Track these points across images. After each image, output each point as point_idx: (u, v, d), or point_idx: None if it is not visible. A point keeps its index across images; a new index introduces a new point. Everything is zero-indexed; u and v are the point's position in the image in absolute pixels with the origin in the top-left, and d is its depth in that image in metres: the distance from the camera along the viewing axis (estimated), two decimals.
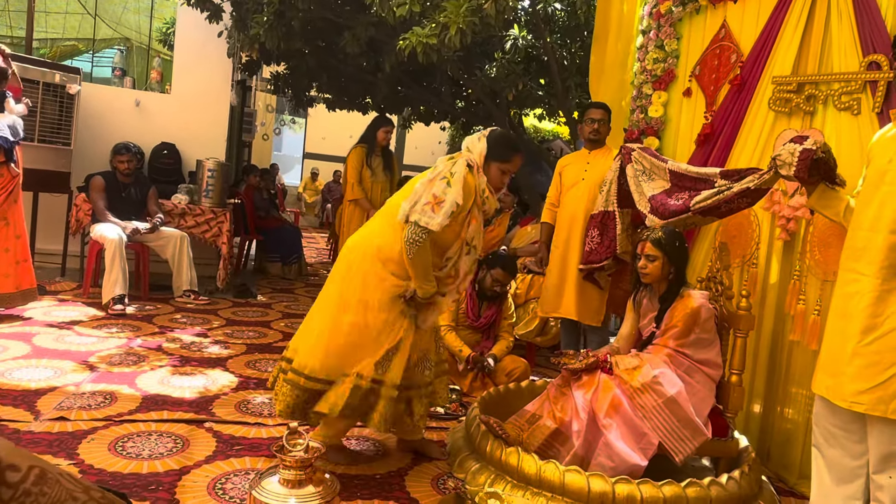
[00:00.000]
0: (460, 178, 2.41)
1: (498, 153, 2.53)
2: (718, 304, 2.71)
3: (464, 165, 2.44)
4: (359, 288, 2.49)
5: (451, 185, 2.40)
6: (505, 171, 2.56)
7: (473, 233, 2.55)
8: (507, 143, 2.57)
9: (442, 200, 2.37)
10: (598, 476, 2.28)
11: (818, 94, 2.83)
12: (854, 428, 2.13)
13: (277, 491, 1.96)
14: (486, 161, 2.53)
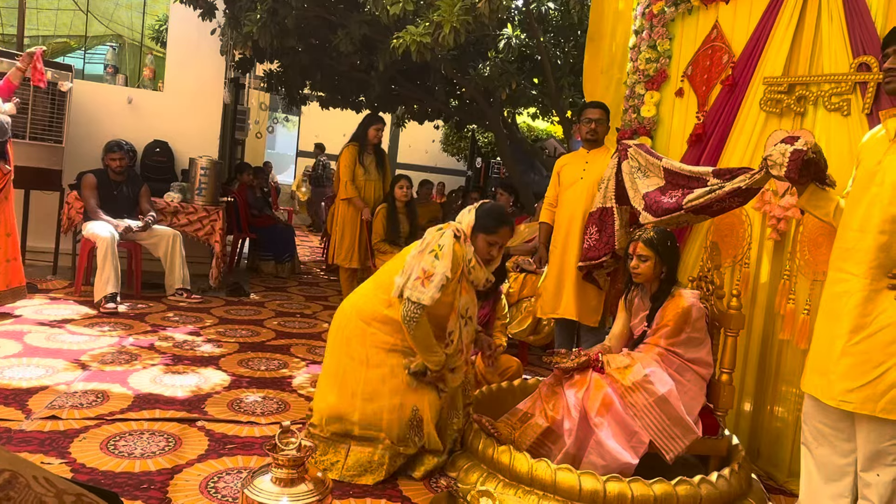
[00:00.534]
0: (449, 251, 2.45)
1: (484, 225, 2.55)
2: (709, 303, 2.73)
3: (451, 236, 2.48)
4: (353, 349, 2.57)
5: (440, 258, 2.43)
6: (492, 242, 2.56)
7: (466, 303, 2.57)
8: (493, 216, 2.58)
9: (432, 274, 2.41)
10: (590, 474, 2.29)
11: (809, 95, 2.85)
12: (842, 426, 2.15)
13: (270, 490, 1.96)
14: (473, 232, 2.56)
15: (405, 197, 5.19)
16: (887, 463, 2.02)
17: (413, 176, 5.68)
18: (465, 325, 2.58)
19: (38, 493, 0.65)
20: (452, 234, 2.48)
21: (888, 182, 2.02)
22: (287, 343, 4.21)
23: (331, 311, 5.30)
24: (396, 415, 2.47)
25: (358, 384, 2.52)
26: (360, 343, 2.55)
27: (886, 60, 2.08)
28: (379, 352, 2.52)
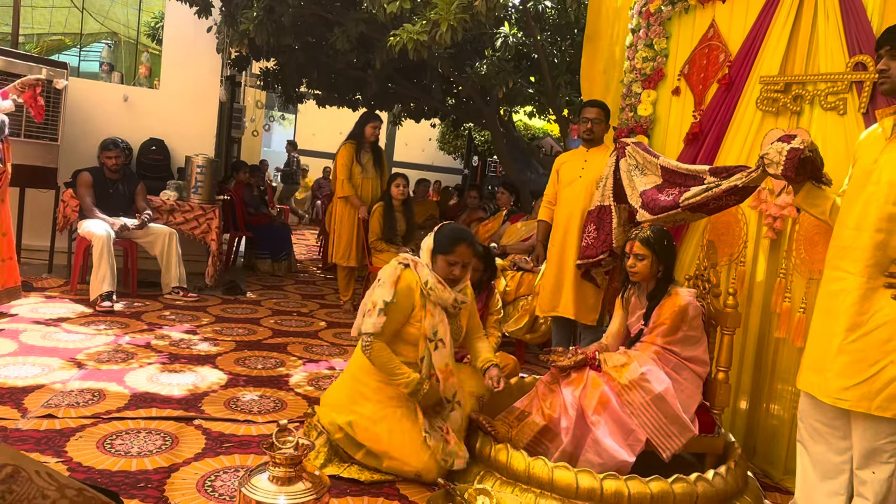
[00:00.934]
0: (387, 279, 2.51)
1: (440, 245, 2.59)
2: (706, 301, 2.73)
3: (394, 265, 2.57)
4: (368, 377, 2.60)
5: (379, 287, 2.52)
6: (451, 262, 2.57)
7: (433, 326, 2.56)
8: (449, 236, 2.61)
9: (375, 304, 2.48)
10: (587, 472, 2.30)
11: (805, 94, 2.86)
12: (838, 424, 2.16)
13: (267, 488, 1.96)
14: (432, 254, 2.61)
15: (402, 195, 5.18)
16: (883, 460, 2.03)
17: (410, 174, 5.68)
18: (434, 349, 2.55)
19: (40, 486, 0.66)
20: (397, 263, 2.57)
21: (884, 180, 2.03)
22: (284, 342, 4.20)
23: (327, 309, 5.30)
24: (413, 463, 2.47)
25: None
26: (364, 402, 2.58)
27: (880, 61, 2.09)
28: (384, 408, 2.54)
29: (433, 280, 2.56)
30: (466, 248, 2.59)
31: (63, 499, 0.65)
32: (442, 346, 2.57)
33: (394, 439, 2.45)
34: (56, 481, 0.67)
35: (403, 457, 2.44)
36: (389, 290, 2.48)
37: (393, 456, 2.45)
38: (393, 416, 2.49)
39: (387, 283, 2.50)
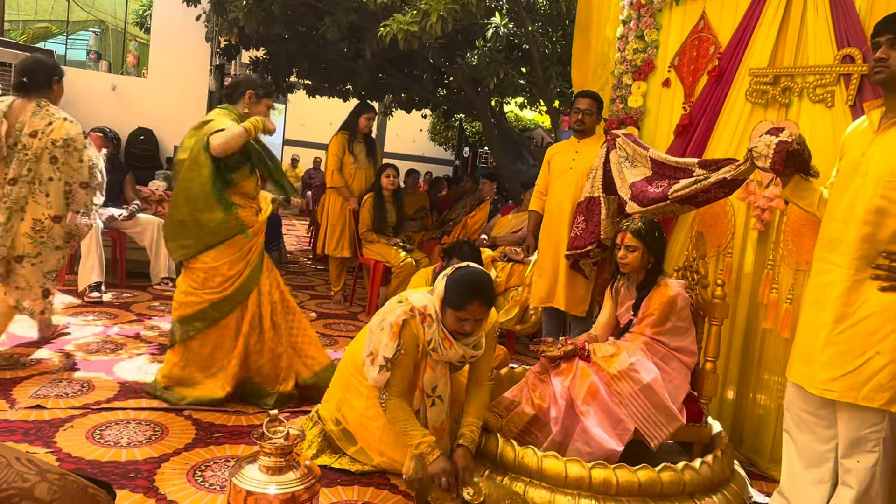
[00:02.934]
0: (390, 333, 2.28)
1: (451, 299, 2.24)
2: (694, 292, 2.75)
3: (400, 318, 2.29)
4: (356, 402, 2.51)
5: (384, 340, 2.28)
6: (461, 318, 2.23)
7: (432, 382, 2.36)
8: (461, 290, 2.24)
9: (376, 356, 2.30)
10: (575, 461, 2.32)
11: (794, 87, 2.88)
12: (824, 413, 2.19)
13: (258, 478, 1.96)
14: (442, 304, 2.28)
15: (392, 186, 5.17)
16: (867, 449, 2.06)
17: (400, 165, 5.67)
18: (431, 405, 2.38)
19: (19, 471, 0.66)
20: (403, 316, 2.29)
21: (872, 173, 2.04)
22: None
23: (318, 300, 5.29)
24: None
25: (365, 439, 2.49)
26: (357, 396, 2.51)
27: (877, 50, 2.08)
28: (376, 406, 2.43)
29: (438, 339, 2.29)
30: (480, 307, 2.23)
31: (43, 482, 0.66)
32: (440, 402, 2.39)
33: (386, 437, 2.42)
34: (36, 466, 0.67)
35: (395, 455, 2.41)
36: (391, 343, 2.26)
37: (384, 453, 2.43)
38: (384, 414, 2.44)
39: (390, 337, 2.27)
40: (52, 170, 3.06)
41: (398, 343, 2.27)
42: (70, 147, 3.08)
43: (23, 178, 3.01)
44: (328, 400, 2.61)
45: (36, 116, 3.05)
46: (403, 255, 4.90)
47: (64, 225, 3.14)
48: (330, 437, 2.52)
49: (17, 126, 3.01)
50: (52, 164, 3.05)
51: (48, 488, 0.65)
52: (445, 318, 2.28)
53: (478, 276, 2.29)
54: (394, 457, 2.42)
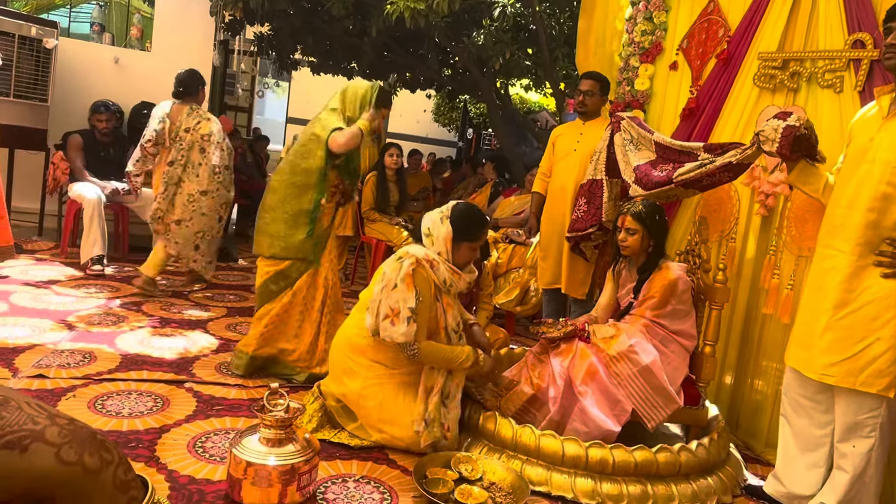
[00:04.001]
0: (404, 285, 2.35)
1: (468, 233, 2.48)
2: (695, 276, 2.76)
3: (408, 269, 2.37)
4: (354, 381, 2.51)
5: (402, 294, 2.35)
6: (475, 248, 2.53)
7: (455, 319, 2.54)
8: (473, 221, 2.50)
9: (398, 311, 2.35)
10: (573, 440, 2.34)
11: (802, 72, 2.85)
12: (821, 398, 2.20)
13: (258, 449, 1.99)
14: (455, 242, 2.47)
15: (395, 165, 5.16)
16: (864, 434, 2.08)
17: (403, 146, 5.64)
18: (459, 339, 2.54)
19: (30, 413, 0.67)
20: (412, 266, 2.38)
21: (879, 159, 2.04)
22: None
23: None
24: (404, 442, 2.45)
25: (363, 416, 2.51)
26: (353, 377, 2.51)
27: (889, 35, 2.06)
28: (373, 385, 2.48)
29: (449, 275, 2.46)
30: (487, 230, 2.56)
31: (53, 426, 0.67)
32: (459, 337, 2.55)
33: (384, 415, 2.44)
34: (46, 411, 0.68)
35: (393, 431, 2.43)
36: (409, 293, 2.35)
37: (383, 430, 2.44)
38: (382, 392, 2.45)
39: (408, 289, 2.35)
40: (201, 157, 3.99)
41: (416, 292, 2.36)
42: (211, 139, 4.00)
43: (177, 162, 3.97)
44: (330, 376, 2.62)
45: (189, 117, 4.02)
46: (405, 235, 4.90)
47: (214, 196, 4.06)
48: (331, 412, 2.54)
49: (177, 124, 3.99)
50: (201, 153, 4.00)
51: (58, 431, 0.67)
52: (459, 252, 2.50)
53: (475, 207, 2.61)
54: (392, 433, 2.44)
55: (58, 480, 0.65)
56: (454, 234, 2.48)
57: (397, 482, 2.26)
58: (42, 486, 0.65)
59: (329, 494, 2.12)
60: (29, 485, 0.64)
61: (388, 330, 2.36)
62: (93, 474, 0.67)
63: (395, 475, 2.31)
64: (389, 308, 2.36)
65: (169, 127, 4.01)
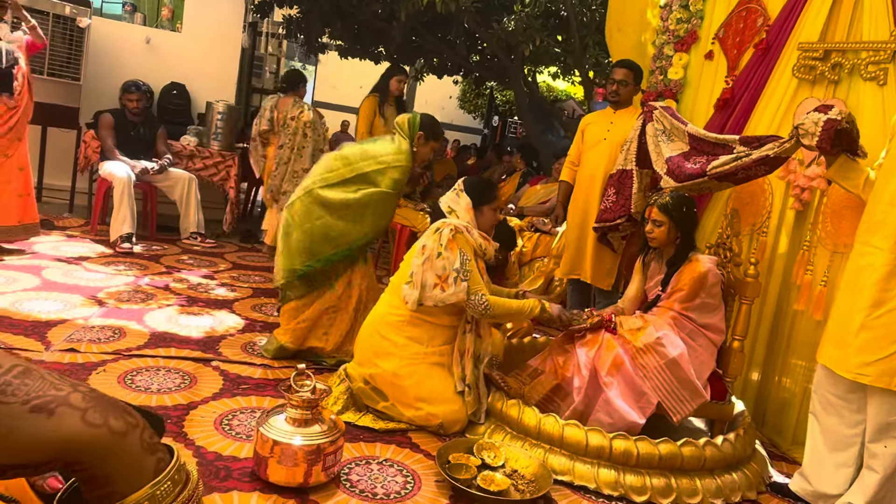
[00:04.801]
0: (450, 250, 2.50)
1: (486, 197, 2.68)
2: (726, 270, 2.72)
3: (448, 235, 2.52)
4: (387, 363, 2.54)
5: (447, 258, 2.49)
6: (495, 207, 2.72)
7: (488, 285, 2.68)
8: (484, 185, 2.75)
9: (446, 276, 2.48)
10: (597, 431, 2.33)
11: (844, 63, 2.78)
12: (853, 398, 2.16)
13: (284, 428, 2.01)
14: (477, 209, 2.66)
15: None
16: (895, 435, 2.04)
17: None
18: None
19: (52, 382, 0.69)
20: (451, 232, 2.53)
21: None
22: None
23: None
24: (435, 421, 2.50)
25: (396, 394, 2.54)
26: (387, 358, 2.54)
27: None
28: (408, 364, 2.52)
29: (482, 240, 2.63)
30: (499, 191, 2.74)
31: (76, 392, 0.69)
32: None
33: (421, 393, 2.47)
34: (67, 380, 0.71)
35: (430, 409, 2.46)
36: (454, 255, 2.48)
37: (420, 407, 2.48)
38: (418, 371, 2.49)
39: (453, 251, 2.48)
40: (305, 141, 4.67)
41: (460, 252, 2.50)
42: (311, 126, 4.70)
43: (286, 145, 4.66)
44: (358, 360, 2.64)
45: (294, 107, 4.68)
46: (430, 221, 4.89)
47: None
48: (357, 394, 2.55)
49: (283, 114, 4.66)
50: (304, 137, 4.67)
51: (82, 397, 0.69)
52: (484, 217, 2.67)
53: (481, 176, 2.76)
54: (429, 410, 2.47)
55: (86, 443, 0.66)
56: (473, 201, 2.66)
57: (420, 466, 2.27)
58: (71, 449, 0.66)
59: (353, 476, 2.14)
60: (58, 448, 0.65)
61: (440, 296, 2.47)
62: (119, 436, 0.68)
63: (417, 459, 2.33)
64: (436, 276, 2.48)
65: (277, 116, 4.68)
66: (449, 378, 2.52)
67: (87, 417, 0.67)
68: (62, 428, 0.65)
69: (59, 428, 0.65)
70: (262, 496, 1.95)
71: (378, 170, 2.97)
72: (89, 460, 0.67)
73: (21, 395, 0.65)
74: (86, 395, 0.69)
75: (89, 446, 0.67)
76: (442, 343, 2.56)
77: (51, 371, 0.72)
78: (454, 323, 2.59)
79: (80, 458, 0.67)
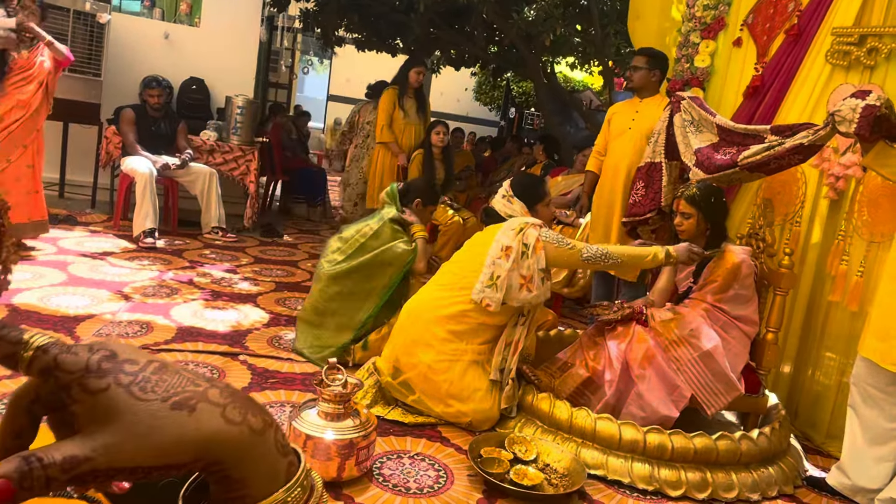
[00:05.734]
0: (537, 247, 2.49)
1: (538, 196, 2.73)
2: (759, 261, 2.67)
3: (535, 235, 2.51)
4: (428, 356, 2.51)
5: (531, 259, 2.47)
6: (548, 203, 2.77)
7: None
8: (537, 184, 2.83)
9: (531, 276, 2.47)
10: (630, 425, 2.30)
11: (881, 48, 2.71)
12: (893, 390, 2.12)
13: (316, 422, 2.00)
14: (532, 209, 2.70)
15: (441, 143, 5.11)
16: None
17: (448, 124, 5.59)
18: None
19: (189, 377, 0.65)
20: (536, 232, 2.52)
21: None
22: None
23: None
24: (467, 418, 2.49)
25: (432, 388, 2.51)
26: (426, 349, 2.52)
27: None
28: (445, 360, 2.50)
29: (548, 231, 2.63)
30: (546, 182, 2.92)
31: (214, 388, 0.64)
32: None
33: (453, 390, 2.45)
34: (202, 375, 0.66)
35: (460, 406, 2.45)
36: (539, 255, 2.48)
37: (451, 405, 2.46)
38: (453, 368, 2.46)
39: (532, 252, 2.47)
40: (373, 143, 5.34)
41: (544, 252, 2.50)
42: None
43: (360, 146, 5.61)
44: (387, 353, 2.63)
45: (371, 113, 5.49)
46: (451, 213, 4.87)
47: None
48: (386, 388, 2.54)
49: (362, 118, 5.65)
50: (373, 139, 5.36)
51: (220, 392, 0.64)
52: (540, 216, 2.69)
53: (523, 173, 2.92)
54: (459, 408, 2.44)
55: (226, 441, 0.62)
56: (527, 204, 2.70)
57: (452, 460, 2.26)
58: (211, 448, 0.61)
59: (385, 470, 2.13)
60: (200, 448, 0.61)
61: (527, 297, 2.47)
62: (258, 434, 0.64)
63: (449, 453, 2.31)
64: (521, 277, 2.47)
65: (357, 120, 5.69)
66: (483, 377, 2.48)
67: (227, 414, 0.62)
68: (203, 425, 0.61)
69: (200, 425, 0.61)
70: None
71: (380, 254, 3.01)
72: (228, 460, 0.62)
73: (161, 391, 0.61)
74: (223, 391, 0.65)
75: (230, 445, 0.62)
76: (482, 342, 2.53)
77: (188, 368, 0.68)
78: (504, 322, 2.55)
79: (220, 457, 0.62)
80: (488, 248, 2.52)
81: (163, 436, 0.59)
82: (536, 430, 2.43)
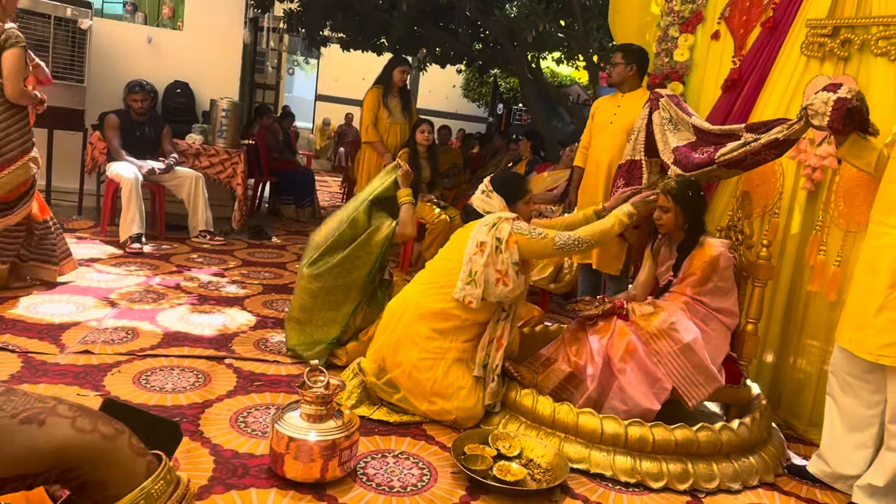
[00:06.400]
0: (506, 245, 2.49)
1: (520, 194, 2.71)
2: (738, 253, 2.69)
3: (508, 229, 2.51)
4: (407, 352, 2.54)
5: (505, 253, 2.48)
6: (528, 202, 2.75)
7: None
8: (519, 181, 2.83)
9: (505, 270, 2.47)
10: (612, 418, 2.32)
11: (854, 39, 2.73)
12: (871, 378, 2.15)
13: (299, 424, 2.01)
14: (512, 206, 2.67)
15: (426, 141, 5.11)
16: None
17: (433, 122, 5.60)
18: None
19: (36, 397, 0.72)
20: (509, 226, 2.52)
21: None
22: None
23: None
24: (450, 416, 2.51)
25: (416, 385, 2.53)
26: (411, 347, 2.54)
27: None
28: (429, 358, 2.51)
29: (528, 226, 2.63)
30: (527, 181, 2.91)
31: (62, 404, 0.72)
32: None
33: (437, 388, 2.47)
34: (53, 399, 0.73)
35: (444, 404, 2.47)
36: (512, 249, 2.48)
37: (435, 402, 2.48)
38: (437, 366, 2.48)
39: (505, 249, 2.48)
40: None
41: (517, 246, 2.50)
42: None
43: None
44: (371, 353, 2.64)
45: None
46: (438, 212, 4.88)
47: None
48: (371, 389, 2.56)
49: None
50: None
51: (68, 407, 0.72)
52: (519, 213, 2.67)
53: (505, 171, 2.87)
54: (443, 406, 2.47)
55: (79, 447, 0.68)
56: (506, 200, 2.68)
57: (436, 458, 2.28)
58: (65, 456, 0.67)
59: (369, 469, 2.15)
60: (52, 457, 0.66)
61: (504, 291, 2.48)
62: (110, 440, 0.70)
63: (433, 451, 2.33)
64: (497, 272, 2.47)
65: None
66: (467, 374, 2.51)
67: (76, 424, 0.69)
68: (54, 435, 0.67)
69: (50, 436, 0.66)
70: (279, 492, 1.96)
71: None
72: (83, 466, 0.68)
73: (9, 409, 0.67)
74: (72, 406, 0.72)
75: (82, 451, 0.68)
76: (466, 339, 2.55)
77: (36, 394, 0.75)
78: (487, 319, 2.57)
79: (74, 464, 0.68)
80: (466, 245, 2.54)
81: (13, 447, 0.64)
82: (520, 425, 2.45)
